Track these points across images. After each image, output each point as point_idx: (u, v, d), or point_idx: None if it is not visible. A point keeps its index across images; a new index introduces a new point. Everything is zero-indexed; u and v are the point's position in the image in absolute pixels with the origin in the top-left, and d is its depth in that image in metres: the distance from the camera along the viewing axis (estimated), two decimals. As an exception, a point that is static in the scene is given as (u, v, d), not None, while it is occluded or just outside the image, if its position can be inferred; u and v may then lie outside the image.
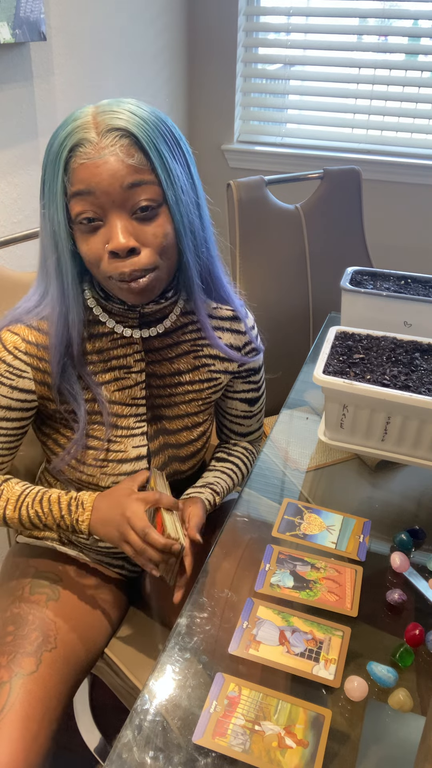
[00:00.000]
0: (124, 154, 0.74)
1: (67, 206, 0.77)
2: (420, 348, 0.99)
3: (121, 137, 0.74)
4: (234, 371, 1.00)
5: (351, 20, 2.09)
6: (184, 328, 0.93)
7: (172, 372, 0.94)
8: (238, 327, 0.98)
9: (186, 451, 0.98)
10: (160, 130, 0.77)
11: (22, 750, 0.77)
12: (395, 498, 0.96)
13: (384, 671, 0.68)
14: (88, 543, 1.01)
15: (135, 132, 0.75)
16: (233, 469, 1.05)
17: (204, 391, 0.97)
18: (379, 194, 2.22)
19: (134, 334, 0.89)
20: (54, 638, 0.90)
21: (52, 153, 0.77)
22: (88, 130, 0.74)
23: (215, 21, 2.19)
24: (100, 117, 0.75)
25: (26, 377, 0.87)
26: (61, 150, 0.75)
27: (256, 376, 1.04)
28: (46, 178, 0.78)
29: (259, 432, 1.12)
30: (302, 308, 1.68)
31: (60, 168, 0.75)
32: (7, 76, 1.45)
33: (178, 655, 0.71)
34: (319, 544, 0.85)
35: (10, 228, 1.56)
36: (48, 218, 0.79)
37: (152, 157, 0.75)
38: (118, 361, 0.90)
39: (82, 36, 1.68)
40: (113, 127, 0.74)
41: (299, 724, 0.64)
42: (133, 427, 0.92)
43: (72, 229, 0.79)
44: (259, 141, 2.36)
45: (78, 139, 0.74)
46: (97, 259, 0.78)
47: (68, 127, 0.75)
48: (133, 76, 1.97)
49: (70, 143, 0.75)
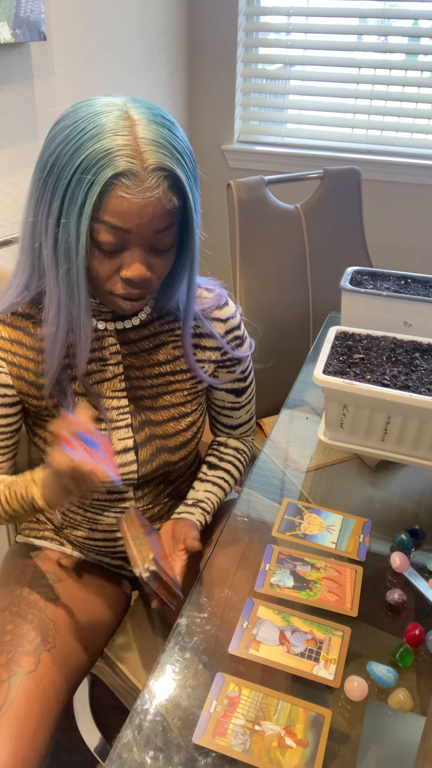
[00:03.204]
0: (166, 200, 0.73)
1: (90, 226, 0.74)
2: (420, 348, 0.99)
3: (164, 178, 0.72)
4: (217, 360, 0.98)
5: (351, 20, 2.09)
6: (161, 319, 0.93)
7: (152, 363, 0.93)
8: (218, 315, 0.96)
9: (175, 442, 0.97)
10: (191, 161, 0.77)
11: (20, 749, 0.77)
12: (395, 498, 0.96)
13: (384, 671, 0.68)
14: (87, 542, 1.01)
15: (177, 173, 0.73)
16: (224, 477, 1.04)
17: (188, 381, 0.96)
18: (379, 194, 2.22)
19: (108, 327, 0.89)
20: (53, 637, 0.90)
21: (79, 157, 0.71)
22: (133, 161, 0.70)
23: (215, 21, 2.19)
24: (144, 146, 0.71)
25: (2, 372, 0.87)
26: (98, 168, 0.70)
27: (242, 365, 1.01)
28: (61, 181, 0.72)
29: (250, 425, 1.10)
30: (302, 308, 1.68)
31: (95, 187, 0.71)
32: (7, 76, 1.45)
33: (178, 655, 0.71)
34: (319, 544, 0.85)
35: (10, 228, 1.56)
36: (64, 229, 0.75)
37: (189, 201, 0.76)
38: (93, 354, 0.90)
39: (82, 36, 1.68)
40: (158, 166, 0.72)
41: (299, 724, 0.64)
42: (116, 419, 0.92)
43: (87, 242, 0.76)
44: (259, 141, 2.36)
45: (123, 169, 0.70)
46: (105, 279, 0.79)
47: (105, 141, 0.70)
48: (133, 76, 1.97)
49: (110, 166, 0.70)
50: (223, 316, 0.96)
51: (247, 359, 1.03)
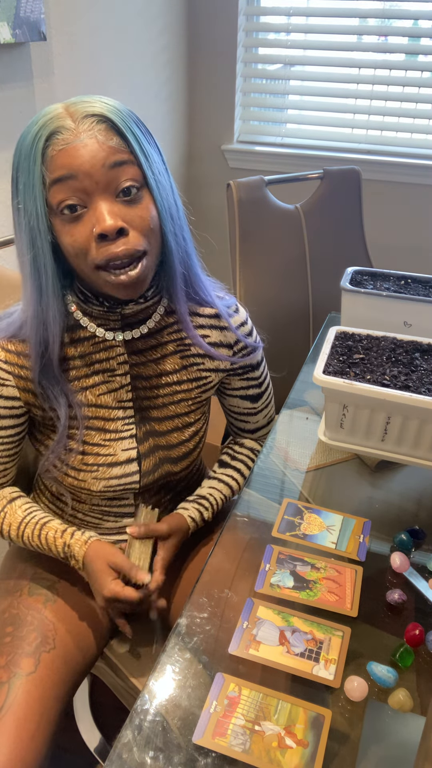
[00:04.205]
0: (103, 137, 0.74)
1: (46, 198, 0.75)
2: (420, 348, 0.99)
3: (98, 122, 0.74)
4: (227, 369, 0.99)
5: (351, 20, 2.09)
6: (168, 328, 0.92)
7: (159, 373, 0.93)
8: (223, 324, 0.96)
9: (178, 452, 0.97)
10: (132, 117, 0.77)
11: (20, 750, 0.77)
12: (395, 498, 0.96)
13: (384, 671, 0.68)
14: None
15: (111, 117, 0.75)
16: (233, 475, 1.05)
17: (193, 391, 0.96)
18: (379, 194, 2.22)
19: (116, 337, 0.88)
20: (53, 639, 0.90)
21: (24, 147, 0.74)
22: (63, 119, 0.74)
23: (215, 21, 2.19)
24: (72, 108, 0.75)
25: (9, 385, 0.87)
26: (36, 141, 0.73)
27: (255, 372, 1.02)
28: (19, 175, 0.76)
29: (269, 428, 1.12)
30: (302, 308, 1.68)
31: (37, 159, 0.73)
32: (7, 76, 1.45)
33: (178, 655, 0.71)
34: (319, 544, 0.85)
35: (10, 228, 1.56)
36: (24, 213, 0.76)
37: (130, 140, 0.75)
38: (101, 365, 0.89)
39: (82, 36, 1.68)
40: (89, 114, 0.74)
41: (299, 724, 0.64)
42: (121, 430, 0.92)
43: (51, 223, 0.76)
44: (259, 141, 2.36)
45: (54, 128, 0.73)
46: (83, 249, 0.76)
47: (40, 121, 0.74)
48: (133, 76, 1.97)
49: (45, 133, 0.73)
50: (234, 324, 0.96)
51: (261, 365, 1.04)
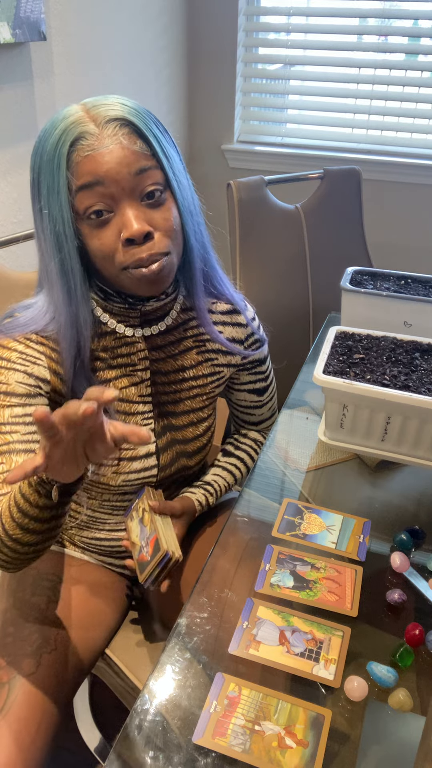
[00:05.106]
0: (127, 141, 0.74)
1: (71, 203, 0.75)
2: (420, 348, 0.99)
3: (121, 126, 0.74)
4: (238, 364, 1.01)
5: (351, 20, 2.09)
6: (185, 324, 0.94)
7: (177, 368, 0.94)
8: (238, 320, 0.98)
9: (193, 447, 0.99)
10: (151, 117, 0.78)
11: (20, 750, 0.77)
12: (395, 498, 0.96)
13: (384, 671, 0.68)
14: (92, 543, 1.01)
15: (133, 120, 0.75)
16: (236, 464, 1.08)
17: (208, 386, 0.98)
18: (379, 194, 2.22)
19: (136, 333, 0.90)
20: (54, 640, 0.90)
21: (47, 153, 0.75)
22: (86, 124, 0.74)
23: (215, 21, 2.19)
24: (93, 111, 0.75)
25: (41, 364, 0.84)
26: (59, 147, 0.74)
27: (262, 366, 1.05)
28: (42, 179, 0.76)
29: (272, 419, 1.14)
30: (302, 308, 1.68)
31: (61, 164, 0.74)
32: (7, 76, 1.45)
33: (178, 655, 0.71)
34: (319, 544, 0.85)
35: (10, 228, 1.56)
36: (50, 219, 0.76)
37: (152, 143, 0.76)
38: (122, 359, 0.90)
39: (82, 36, 1.68)
40: (111, 118, 0.74)
41: (299, 724, 0.64)
42: (140, 424, 0.93)
43: (77, 227, 0.77)
44: (259, 141, 2.36)
45: (78, 133, 0.73)
46: (111, 253, 0.77)
47: (61, 125, 0.74)
48: (133, 76, 1.97)
49: (68, 138, 0.73)
50: (243, 321, 0.99)
51: (267, 359, 1.07)
